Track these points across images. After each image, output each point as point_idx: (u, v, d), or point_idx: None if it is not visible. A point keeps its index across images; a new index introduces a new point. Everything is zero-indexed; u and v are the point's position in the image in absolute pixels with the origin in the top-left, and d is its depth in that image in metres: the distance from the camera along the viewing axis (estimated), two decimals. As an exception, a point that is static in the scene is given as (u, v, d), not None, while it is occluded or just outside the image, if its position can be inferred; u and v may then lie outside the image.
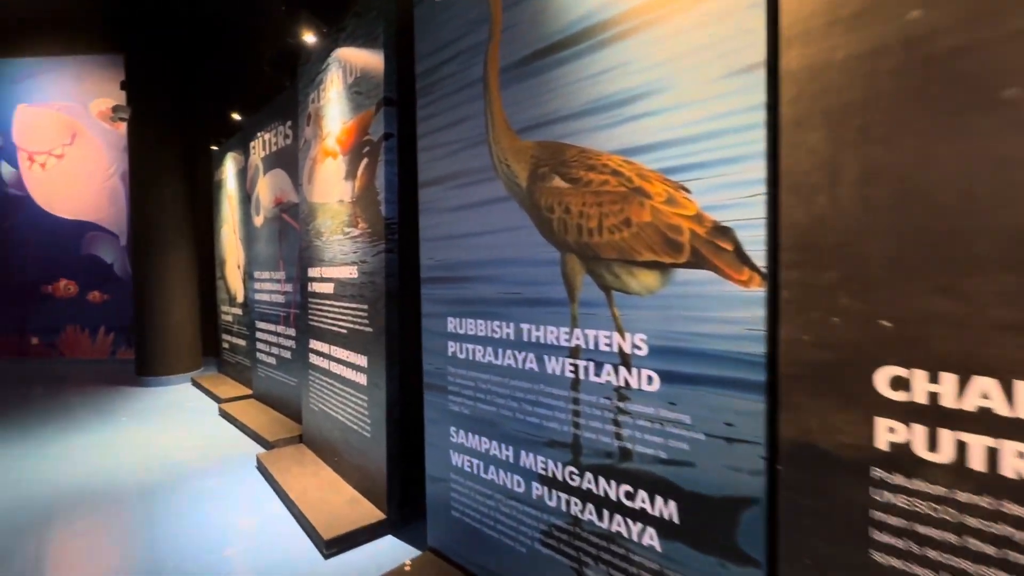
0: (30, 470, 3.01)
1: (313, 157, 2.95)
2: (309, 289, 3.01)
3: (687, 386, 1.18)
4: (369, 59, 2.34)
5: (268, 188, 3.89)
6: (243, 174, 4.63)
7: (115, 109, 4.98)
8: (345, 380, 2.60)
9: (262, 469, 2.90)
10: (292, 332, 3.65)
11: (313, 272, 2.95)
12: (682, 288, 1.18)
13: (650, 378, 1.25)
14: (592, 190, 1.35)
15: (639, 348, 1.27)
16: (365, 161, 2.36)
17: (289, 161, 3.59)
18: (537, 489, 1.55)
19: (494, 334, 1.65)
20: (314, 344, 2.98)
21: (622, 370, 1.31)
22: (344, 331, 2.60)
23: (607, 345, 1.34)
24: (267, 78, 3.80)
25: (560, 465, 1.48)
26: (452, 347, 1.81)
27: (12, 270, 6.51)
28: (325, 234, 2.79)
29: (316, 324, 2.94)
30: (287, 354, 3.75)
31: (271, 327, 3.98)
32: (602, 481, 1.37)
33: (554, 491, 1.50)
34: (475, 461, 1.75)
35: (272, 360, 3.99)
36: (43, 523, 2.37)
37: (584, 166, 1.37)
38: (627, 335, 1.29)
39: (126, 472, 2.97)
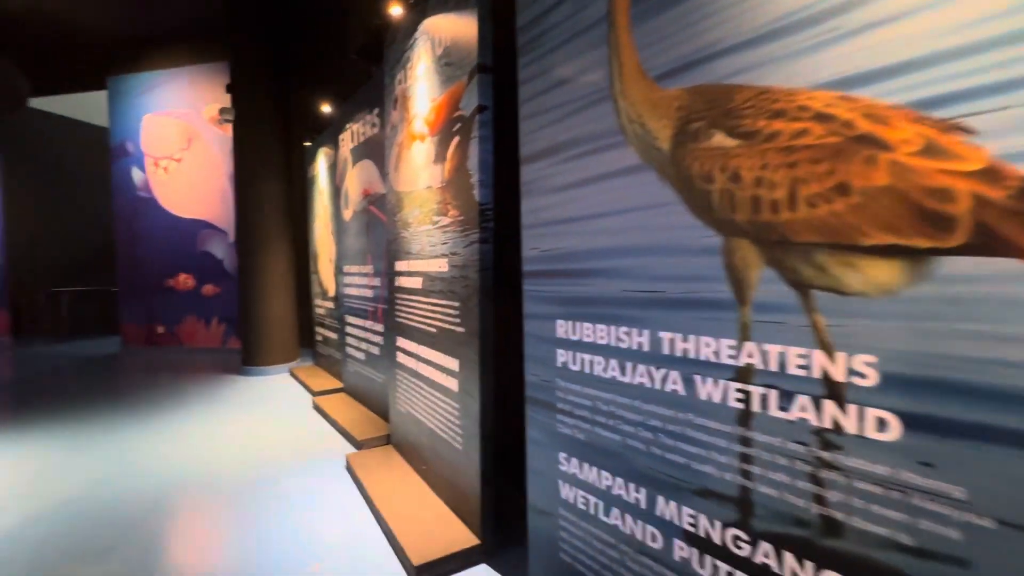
0: (142, 456, 3.15)
1: (399, 143, 2.76)
2: (396, 284, 2.84)
3: (959, 440, 0.75)
4: (459, 24, 2.07)
5: (356, 180, 3.82)
6: (333, 168, 4.65)
7: (222, 111, 5.24)
8: (434, 384, 2.38)
9: (351, 471, 2.79)
10: (380, 328, 3.54)
11: (400, 266, 2.77)
12: (951, 287, 0.75)
13: (883, 422, 0.83)
14: (779, 146, 0.94)
15: (862, 376, 0.85)
16: (456, 141, 2.10)
17: (376, 151, 3.47)
18: (682, 549, 1.18)
19: (620, 343, 1.29)
20: (401, 342, 2.81)
21: (828, 405, 0.90)
22: (433, 330, 2.37)
23: (802, 367, 0.93)
24: (356, 68, 3.72)
25: (718, 524, 1.09)
26: (562, 356, 1.48)
27: (141, 265, 7.21)
28: (412, 225, 2.58)
29: (403, 321, 2.76)
30: (375, 350, 3.65)
31: (359, 322, 3.92)
32: (790, 559, 0.97)
33: (708, 557, 1.12)
34: (592, 499, 1.42)
35: (361, 355, 3.93)
36: (141, 519, 2.40)
37: (765, 113, 0.96)
38: (839, 355, 0.88)
39: (225, 464, 3.01)
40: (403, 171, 2.71)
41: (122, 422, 3.84)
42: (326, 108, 4.34)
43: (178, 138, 6.93)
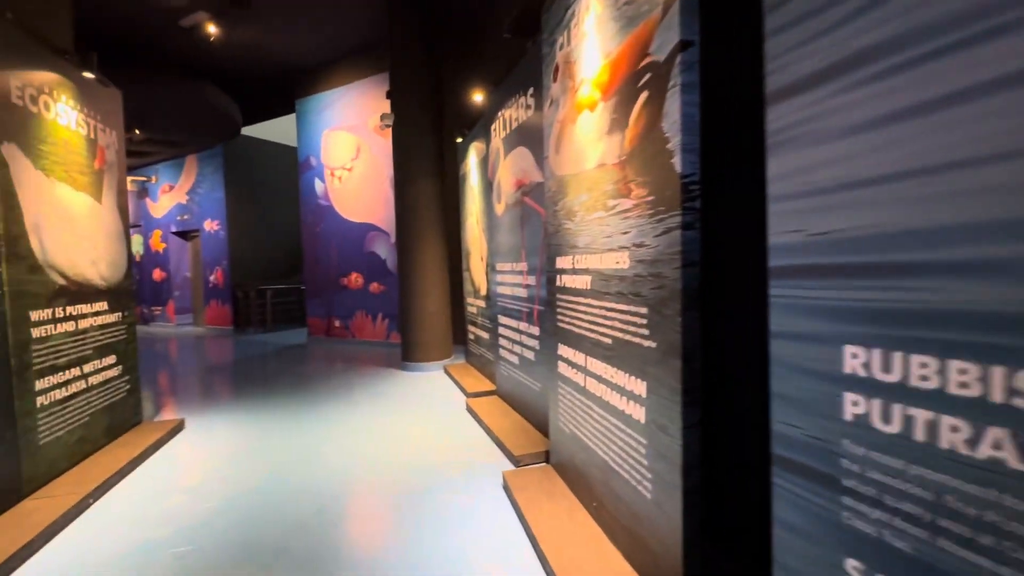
0: (315, 448, 3.27)
1: (561, 119, 2.36)
2: (557, 283, 2.46)
3: None
4: (649, -57, 1.57)
5: (509, 171, 3.55)
6: (484, 163, 4.49)
7: (382, 117, 5.47)
8: (609, 407, 1.94)
9: (508, 492, 2.49)
10: (535, 331, 3.22)
11: (562, 262, 2.37)
12: None
13: None
14: None
15: None
16: (644, 97, 1.61)
17: (531, 136, 3.14)
18: None
19: (995, 397, 0.69)
20: (564, 350, 2.41)
21: None
22: (607, 341, 1.92)
23: None
24: (508, 52, 3.44)
25: None
26: (857, 404, 0.91)
27: (321, 266, 8.08)
28: (579, 213, 2.16)
29: (566, 327, 2.36)
30: (530, 354, 3.35)
31: (513, 323, 3.66)
32: None
33: None
34: (927, 657, 0.83)
35: (514, 359, 3.67)
36: (304, 524, 2.38)
37: None
38: None
39: (384, 466, 2.96)
40: (566, 151, 2.31)
41: (302, 407, 4.15)
42: (478, 97, 4.16)
43: (349, 149, 7.57)
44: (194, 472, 2.99)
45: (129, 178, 11.37)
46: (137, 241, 11.74)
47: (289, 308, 10.11)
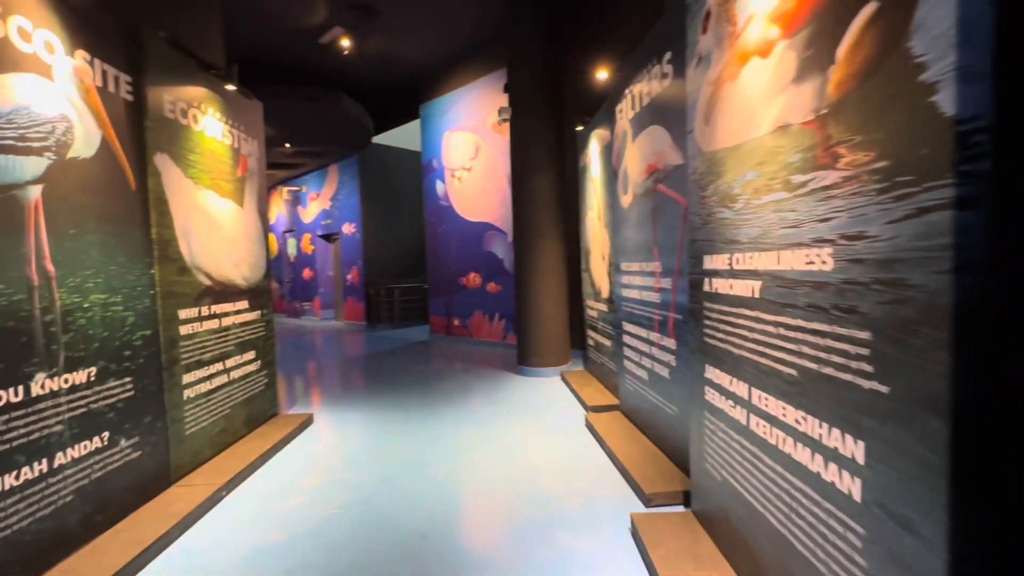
0: (426, 455, 3.13)
1: (715, 79, 1.84)
2: (706, 288, 1.94)
3: None
4: None
5: (638, 156, 3.06)
6: (607, 151, 4.03)
7: (500, 111, 5.28)
8: (789, 462, 1.40)
9: (639, 542, 2.05)
10: (670, 344, 2.70)
11: (714, 262, 1.86)
12: None
13: None
14: None
15: None
16: (870, 9, 1.07)
17: (668, 110, 2.63)
18: None
19: None
20: (714, 374, 1.90)
21: None
22: (789, 372, 1.39)
23: None
24: (638, 19, 2.96)
25: None
26: None
27: (442, 265, 8.25)
28: (742, 197, 1.64)
29: (719, 344, 1.84)
30: (663, 371, 2.83)
31: (641, 332, 3.16)
32: None
33: None
34: None
35: (642, 373, 3.17)
36: (406, 546, 2.17)
37: None
38: None
39: (495, 485, 2.68)
40: (722, 119, 1.79)
41: (420, 408, 4.10)
42: (602, 74, 3.73)
43: (468, 149, 7.59)
44: (314, 473, 3.01)
45: (284, 188, 12.91)
46: (291, 244, 13.29)
47: (414, 306, 10.60)
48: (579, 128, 4.92)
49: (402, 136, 11.05)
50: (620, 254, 3.56)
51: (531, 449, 3.25)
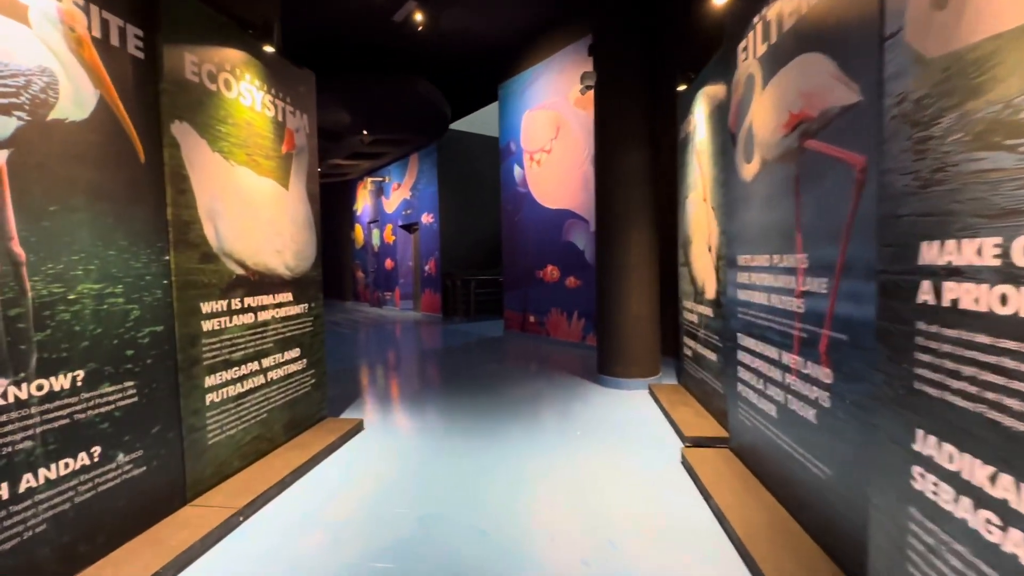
0: (480, 486, 2.53)
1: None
2: (924, 299, 1.11)
3: None
4: None
5: (773, 104, 2.19)
6: (720, 112, 3.14)
7: (583, 78, 4.53)
8: None
9: None
10: (824, 375, 1.84)
11: (951, 254, 1.03)
12: None
13: None
14: None
15: None
16: None
17: (834, 27, 1.75)
18: None
19: None
20: (941, 453, 1.07)
21: None
22: None
23: None
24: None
25: None
26: None
27: (518, 256, 7.66)
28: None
29: (964, 405, 1.01)
30: (806, 411, 1.97)
31: (769, 351, 2.30)
32: None
33: None
34: None
35: (768, 407, 2.32)
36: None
37: None
38: None
39: (556, 546, 2.01)
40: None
41: (485, 417, 3.54)
42: (717, 2, 2.86)
43: (548, 129, 6.90)
44: (346, 500, 2.54)
45: (368, 179, 13.08)
46: (375, 234, 13.48)
47: (490, 299, 10.16)
48: (681, 88, 4.02)
49: (481, 122, 10.60)
50: (736, 244, 2.69)
51: (610, 491, 2.54)
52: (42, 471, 1.71)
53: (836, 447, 1.76)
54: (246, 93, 2.79)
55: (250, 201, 2.81)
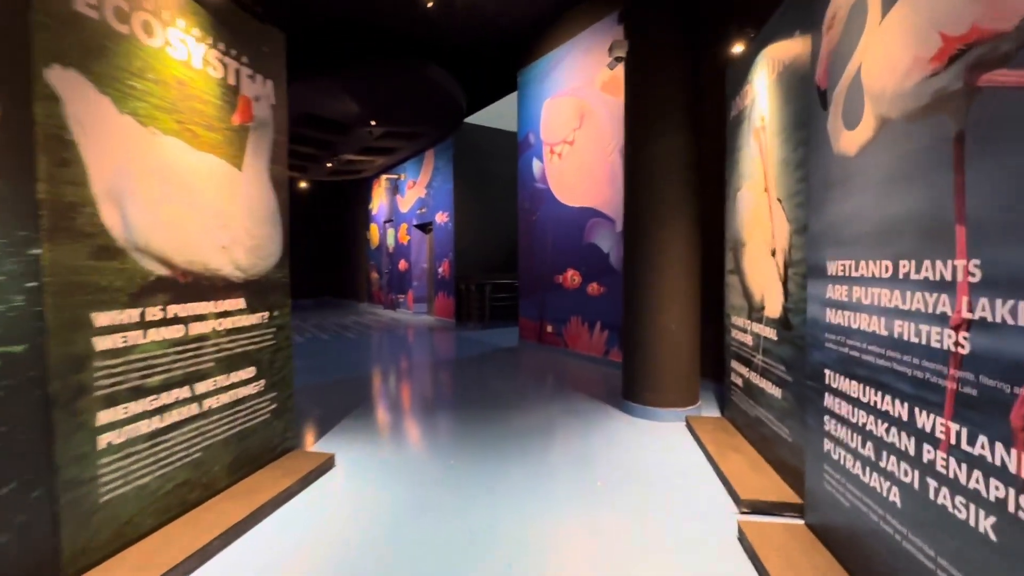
0: (458, 564, 1.86)
1: None
2: None
3: None
4: None
5: (906, 32, 1.44)
6: (790, 76, 2.40)
7: (612, 48, 3.82)
8: None
9: None
10: (1010, 463, 1.08)
11: None
12: None
13: None
14: None
15: None
16: None
17: None
18: None
19: None
20: None
21: None
22: None
23: None
24: None
25: None
26: None
27: (535, 259, 6.96)
28: None
29: None
30: (974, 514, 1.22)
31: (891, 405, 1.54)
32: None
33: None
34: None
35: (886, 487, 1.56)
36: None
37: None
38: None
39: None
40: None
41: (485, 455, 2.86)
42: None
43: (571, 118, 6.19)
44: (291, 574, 1.89)
45: (383, 176, 12.59)
46: (390, 234, 12.98)
47: (507, 304, 9.48)
48: (737, 49, 3.26)
49: (500, 116, 9.96)
50: (823, 245, 1.94)
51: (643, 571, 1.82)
52: None
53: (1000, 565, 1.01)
54: (177, 43, 2.18)
55: (181, 182, 2.20)
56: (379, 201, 13.52)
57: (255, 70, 2.65)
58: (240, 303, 2.55)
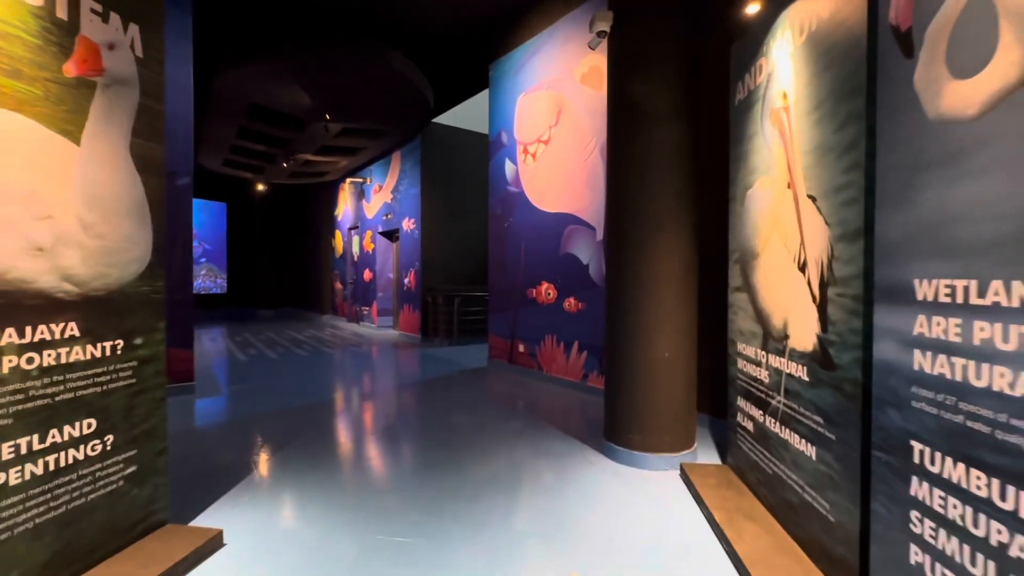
0: None
1: None
2: None
3: None
4: None
5: None
6: (823, 39, 1.81)
7: (593, 22, 3.22)
8: None
9: None
10: None
11: None
12: None
13: None
14: None
15: None
16: None
17: None
18: None
19: None
20: None
21: None
22: None
23: None
24: None
25: None
26: None
27: (506, 270, 6.31)
28: None
29: None
30: None
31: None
32: None
33: None
34: None
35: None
36: None
37: None
38: None
39: None
40: None
41: (428, 522, 2.13)
42: None
43: (546, 115, 5.59)
44: None
45: (348, 180, 11.80)
46: (355, 242, 12.16)
47: (477, 318, 8.78)
48: (752, 7, 2.68)
49: (472, 117, 9.33)
50: (903, 255, 1.33)
51: None
52: None
53: None
54: (-53, -60, 1.45)
55: (-50, 149, 1.45)
56: (344, 206, 12.70)
57: (107, 6, 1.92)
58: (73, 330, 1.79)
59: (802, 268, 2.06)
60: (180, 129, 4.78)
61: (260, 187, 14.07)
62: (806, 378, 2.02)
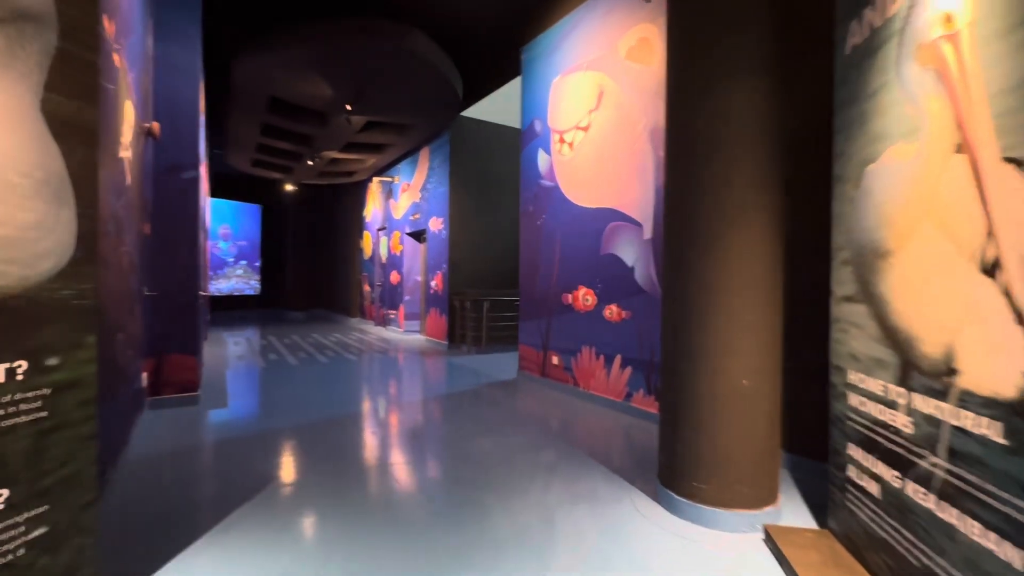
0: None
1: None
2: None
3: None
4: None
5: None
6: None
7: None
8: None
9: None
10: None
11: None
12: None
13: None
14: None
15: None
16: None
17: None
18: None
19: None
20: None
21: None
22: None
23: None
24: None
25: None
26: None
27: (539, 273, 5.69)
28: None
29: None
30: None
31: None
32: None
33: None
34: None
35: None
36: None
37: None
38: None
39: None
40: None
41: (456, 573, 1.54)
42: None
43: (587, 97, 4.96)
44: None
45: (376, 179, 11.46)
46: (384, 243, 11.82)
47: (508, 324, 8.20)
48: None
49: (504, 111, 8.77)
50: None
51: None
52: None
53: None
54: None
55: None
56: (373, 207, 12.40)
57: (7, -86, 1.43)
58: (-60, 348, 1.30)
59: (990, 271, 1.36)
60: (185, 117, 4.41)
61: (289, 187, 13.97)
62: (1000, 439, 1.32)
